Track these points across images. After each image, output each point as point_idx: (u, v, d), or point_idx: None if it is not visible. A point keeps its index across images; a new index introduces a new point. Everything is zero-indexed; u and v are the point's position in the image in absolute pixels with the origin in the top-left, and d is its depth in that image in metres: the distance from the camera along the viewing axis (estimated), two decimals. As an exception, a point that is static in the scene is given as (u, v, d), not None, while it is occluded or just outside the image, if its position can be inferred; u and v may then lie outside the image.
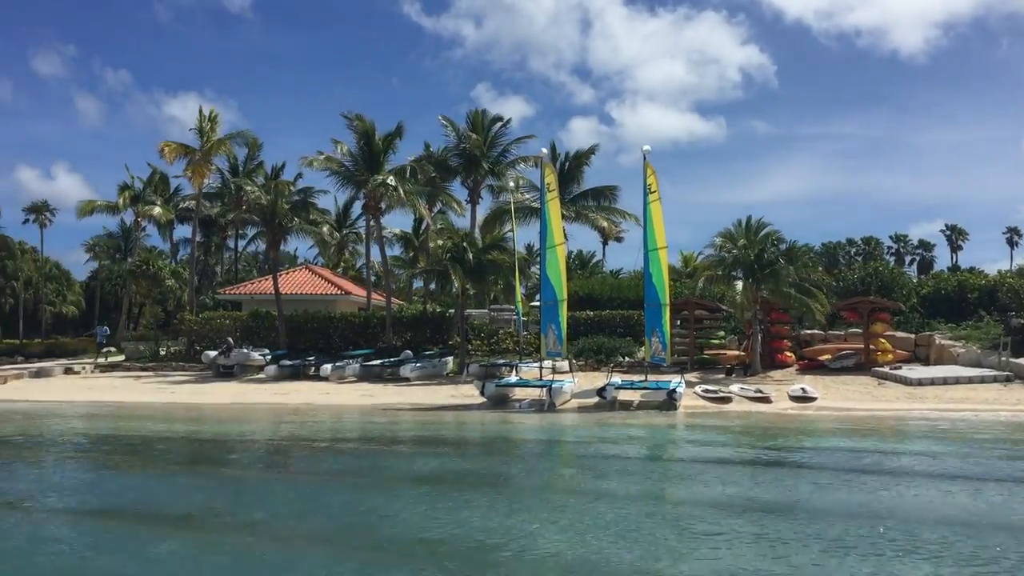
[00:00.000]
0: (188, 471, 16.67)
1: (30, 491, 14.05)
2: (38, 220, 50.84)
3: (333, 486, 14.77)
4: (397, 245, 57.45)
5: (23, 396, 30.04)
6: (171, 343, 44.43)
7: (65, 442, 20.78)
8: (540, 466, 17.24)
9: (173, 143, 42.84)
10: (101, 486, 14.90)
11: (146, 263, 44.80)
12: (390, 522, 11.52)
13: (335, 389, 31.51)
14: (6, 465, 16.98)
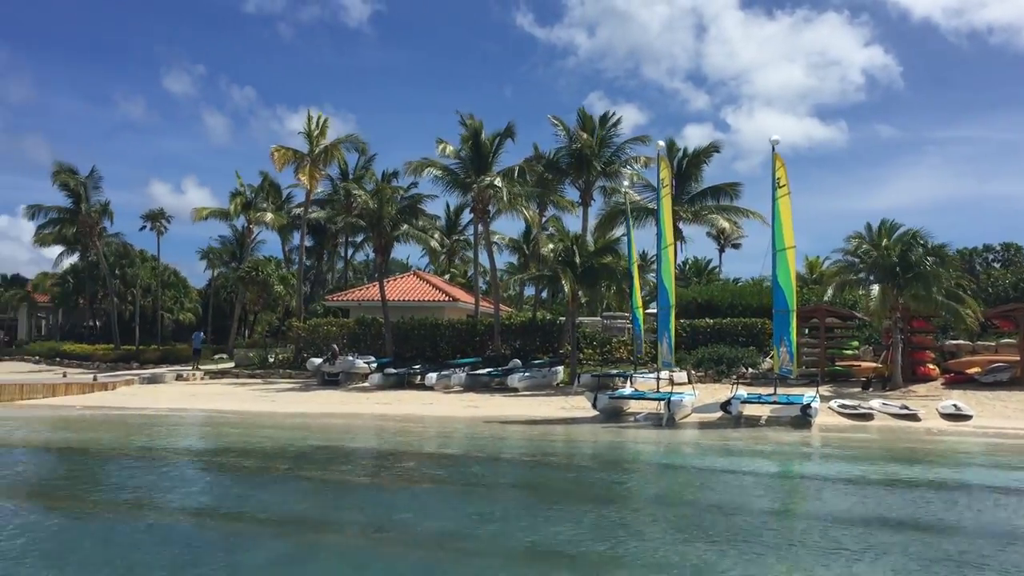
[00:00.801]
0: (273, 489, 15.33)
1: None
2: (155, 227, 51.47)
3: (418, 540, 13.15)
4: (508, 252, 56.21)
5: (121, 403, 29.68)
6: (279, 350, 44.11)
7: (127, 454, 19.87)
8: (659, 492, 15.20)
9: (283, 148, 42.53)
10: (182, 490, 13.71)
11: (255, 269, 44.66)
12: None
13: (440, 399, 30.13)
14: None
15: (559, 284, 34.39)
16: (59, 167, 49.88)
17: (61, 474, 17.23)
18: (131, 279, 55.32)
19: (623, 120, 38.64)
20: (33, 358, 51.69)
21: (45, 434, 23.32)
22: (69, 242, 54.97)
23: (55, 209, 50.86)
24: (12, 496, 14.06)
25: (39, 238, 54.70)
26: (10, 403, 29.21)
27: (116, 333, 50.66)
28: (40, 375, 40.91)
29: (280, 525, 12.10)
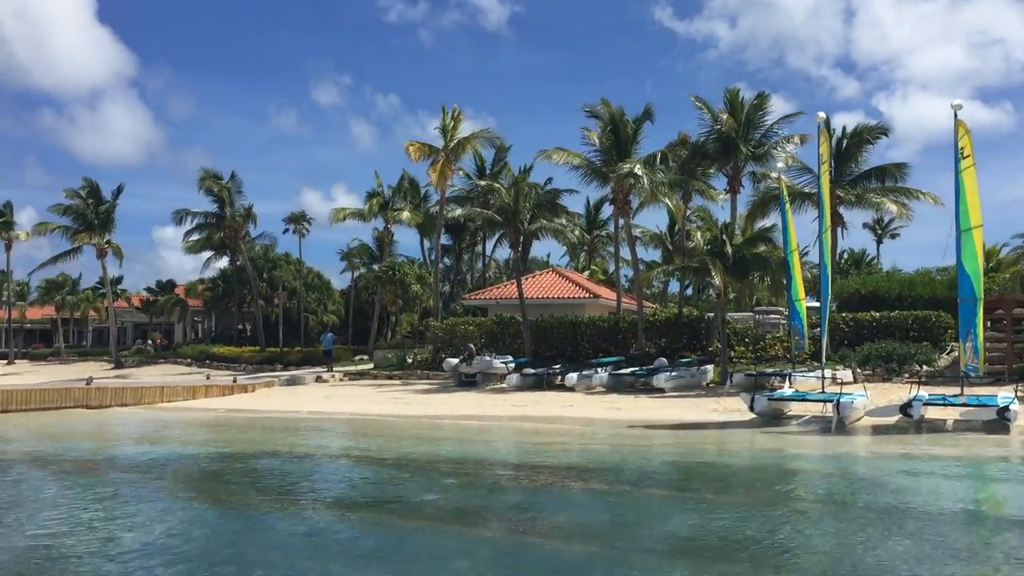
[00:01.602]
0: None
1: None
2: (296, 230, 51.92)
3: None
4: (651, 247, 53.86)
5: (256, 406, 29.20)
6: (418, 351, 43.37)
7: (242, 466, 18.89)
8: (842, 521, 12.87)
9: (418, 143, 41.73)
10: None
11: (392, 269, 44.10)
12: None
13: (581, 401, 28.32)
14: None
15: (706, 278, 32.02)
16: (204, 173, 50.98)
17: (214, 473, 16.48)
18: (276, 282, 56.06)
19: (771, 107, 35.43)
20: (185, 361, 53.02)
21: (199, 436, 22.93)
22: (217, 247, 56.28)
23: (201, 213, 52.07)
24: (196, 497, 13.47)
25: (188, 245, 56.35)
26: (151, 406, 29.29)
27: (261, 335, 51.34)
28: (187, 377, 41.54)
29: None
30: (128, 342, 73.92)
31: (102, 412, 27.52)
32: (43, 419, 25.36)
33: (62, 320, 75.61)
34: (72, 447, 20.89)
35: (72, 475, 16.61)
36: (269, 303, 56.80)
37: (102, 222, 54.48)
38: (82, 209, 54.41)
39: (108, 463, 18.18)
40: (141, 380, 39.38)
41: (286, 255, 60.43)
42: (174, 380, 38.27)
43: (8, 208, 64.87)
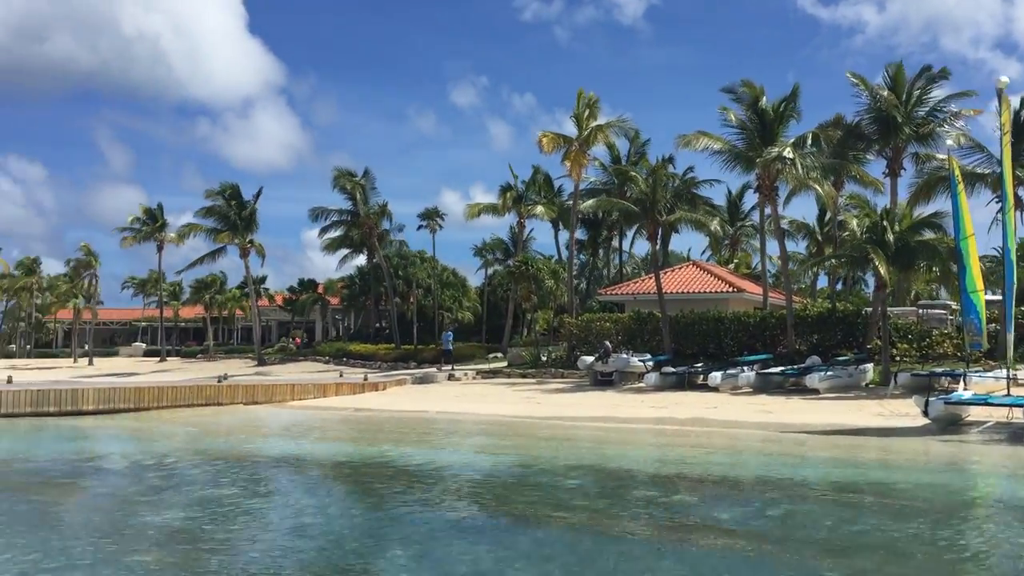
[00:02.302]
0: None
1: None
2: (429, 226, 51.45)
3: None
4: (799, 238, 50.69)
5: (385, 405, 28.36)
6: (552, 348, 41.99)
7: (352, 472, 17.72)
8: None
9: (551, 132, 40.31)
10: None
11: (525, 264, 42.84)
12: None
13: (726, 402, 26.20)
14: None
15: (861, 271, 29.25)
16: (338, 171, 51.19)
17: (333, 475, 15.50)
18: (411, 279, 55.85)
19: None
20: (323, 358, 53.46)
21: (319, 434, 22.25)
22: (353, 245, 56.55)
23: (336, 211, 52.36)
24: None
25: (325, 244, 56.89)
26: (282, 404, 28.95)
27: (396, 333, 51.17)
28: (322, 375, 41.52)
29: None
30: (272, 340, 75.73)
31: (232, 409, 27.34)
32: (173, 417, 25.30)
33: (211, 319, 78.23)
34: (210, 446, 20.48)
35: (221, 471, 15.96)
36: (404, 300, 56.63)
37: (244, 223, 55.55)
38: (224, 210, 55.65)
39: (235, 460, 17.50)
40: (277, 377, 39.58)
41: (421, 252, 60.28)
42: (309, 378, 38.25)
43: (159, 210, 67.33)
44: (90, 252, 74.06)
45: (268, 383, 30.41)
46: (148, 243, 67.68)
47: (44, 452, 18.57)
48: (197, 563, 9.40)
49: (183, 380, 34.51)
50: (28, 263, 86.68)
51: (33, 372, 57.80)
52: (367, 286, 58.39)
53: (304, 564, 9.35)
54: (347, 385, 31.98)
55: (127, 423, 23.45)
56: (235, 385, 28.80)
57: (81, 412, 23.68)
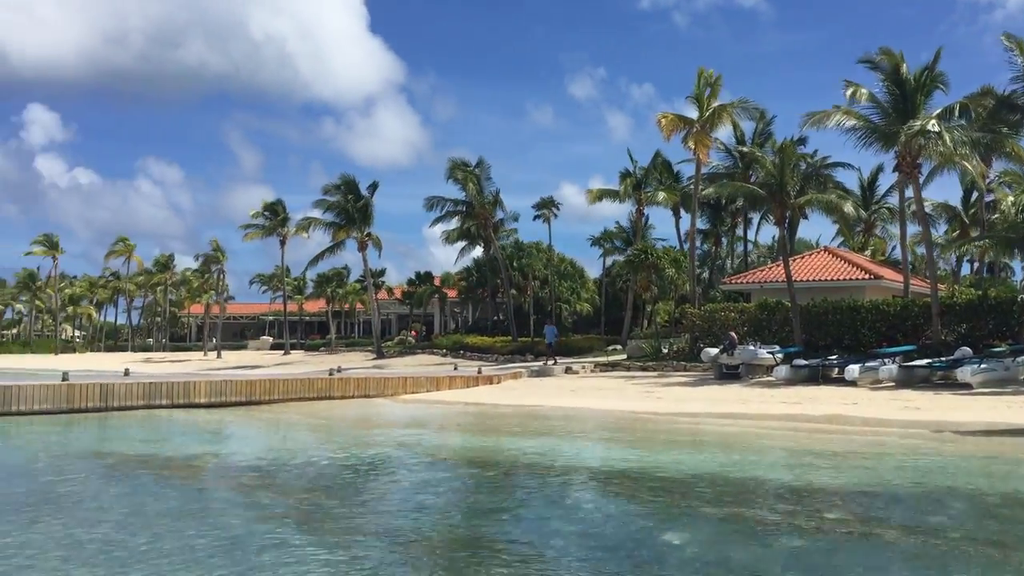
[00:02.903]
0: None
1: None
2: (544, 216, 50.27)
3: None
4: (939, 221, 47.26)
5: (498, 399, 27.30)
6: (673, 340, 40.20)
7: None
8: None
9: (670, 114, 38.46)
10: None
11: (644, 252, 41.14)
12: None
13: (866, 397, 24.02)
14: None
15: (1012, 256, 26.46)
16: (453, 162, 50.68)
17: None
18: (527, 270, 54.90)
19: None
20: (441, 351, 53.16)
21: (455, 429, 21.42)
22: (469, 236, 56.01)
23: (451, 201, 51.85)
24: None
25: (444, 236, 56.57)
26: (394, 397, 28.33)
27: (513, 325, 50.31)
28: (439, 368, 40.98)
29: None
30: (392, 333, 76.25)
31: (344, 403, 26.84)
32: (276, 412, 24.96)
33: (333, 312, 79.43)
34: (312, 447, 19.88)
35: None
36: (521, 292, 55.73)
37: (361, 216, 55.74)
38: (342, 204, 55.98)
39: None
40: (392, 370, 39.19)
41: (537, 243, 59.30)
42: (424, 370, 37.69)
43: (281, 206, 68.57)
44: (218, 248, 76.25)
45: (379, 376, 29.88)
46: (272, 239, 69.19)
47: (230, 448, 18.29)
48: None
49: (299, 373, 34.42)
50: (163, 260, 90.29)
51: (163, 365, 59.72)
52: (484, 278, 57.79)
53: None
54: (460, 378, 31.13)
55: (252, 416, 23.21)
56: (347, 378, 28.34)
57: (193, 405, 23.57)
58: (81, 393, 21.52)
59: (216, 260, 76.49)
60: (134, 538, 9.84)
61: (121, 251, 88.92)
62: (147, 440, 19.06)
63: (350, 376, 29.10)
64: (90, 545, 9.52)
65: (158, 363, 63.14)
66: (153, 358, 72.26)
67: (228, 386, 24.69)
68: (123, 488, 13.25)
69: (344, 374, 29.79)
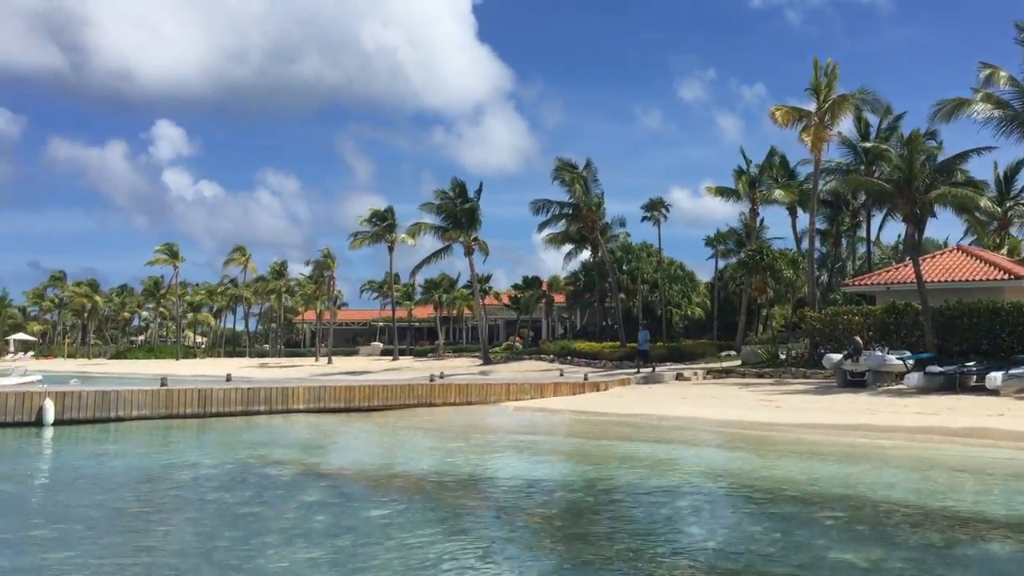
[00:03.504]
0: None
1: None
2: (654, 218, 48.75)
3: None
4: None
5: (599, 407, 25.92)
6: (791, 345, 38.07)
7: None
8: None
9: (785, 106, 36.46)
10: None
11: (759, 253, 39.12)
12: None
13: (1012, 408, 21.75)
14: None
15: None
16: (559, 163, 49.63)
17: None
18: (635, 274, 53.37)
19: None
20: (548, 357, 52.23)
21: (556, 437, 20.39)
22: (575, 240, 54.90)
23: (557, 203, 50.80)
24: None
25: (549, 238, 55.64)
26: (496, 404, 27.41)
27: (621, 330, 48.94)
28: (545, 374, 39.98)
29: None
30: (500, 338, 75.80)
31: (443, 410, 26.06)
32: (381, 419, 24.33)
33: (442, 318, 79.47)
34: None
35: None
36: (630, 296, 54.26)
37: (468, 219, 55.33)
38: (449, 208, 55.69)
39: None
40: (498, 376, 38.40)
41: (646, 246, 57.71)
42: (530, 376, 36.77)
43: (390, 212, 68.90)
44: (328, 254, 77.23)
45: (481, 382, 29.01)
46: (383, 246, 69.58)
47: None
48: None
49: (401, 379, 33.95)
50: (277, 267, 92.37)
51: (275, 370, 60.68)
52: (591, 282, 56.54)
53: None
54: (566, 385, 29.99)
55: (352, 423, 22.69)
56: (448, 385, 27.54)
57: (291, 411, 23.18)
58: (179, 399, 21.37)
59: (327, 266, 77.49)
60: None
61: (238, 259, 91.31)
62: (308, 447, 18.62)
63: (451, 383, 28.31)
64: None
65: (272, 368, 64.26)
66: (268, 363, 73.68)
67: (326, 392, 24.22)
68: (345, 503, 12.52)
69: (445, 380, 29.04)
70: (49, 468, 15.88)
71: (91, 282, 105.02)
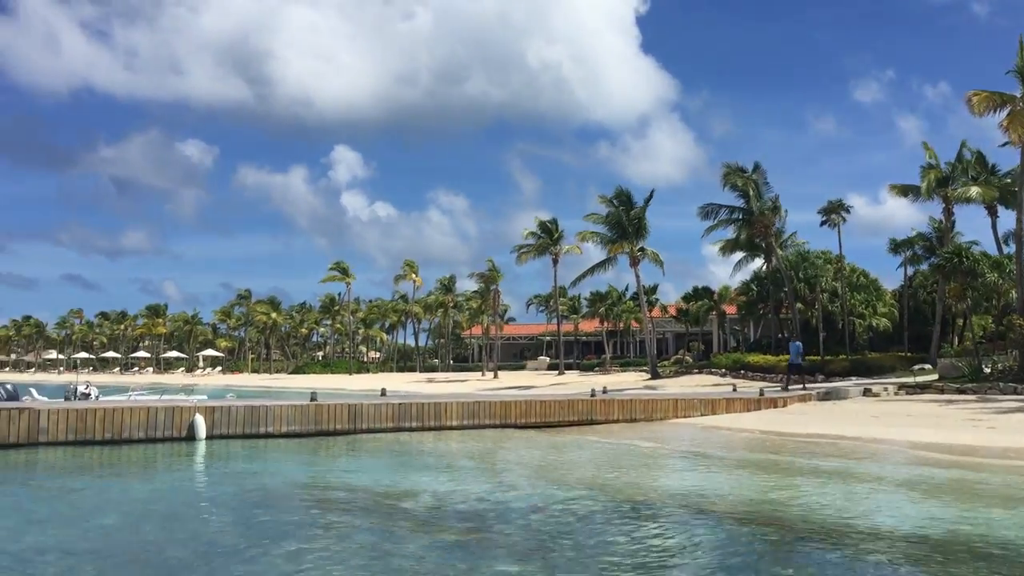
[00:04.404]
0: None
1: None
2: (832, 222, 45.20)
3: None
4: None
5: (782, 426, 23.30)
6: (997, 358, 34.03)
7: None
8: None
9: (983, 92, 32.69)
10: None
11: (957, 255, 35.16)
12: None
13: None
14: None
15: None
16: (727, 168, 47.05)
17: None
18: (813, 283, 49.82)
19: None
20: (719, 371, 49.62)
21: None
22: (747, 247, 52.00)
23: (727, 208, 48.12)
24: None
25: (718, 246, 53.06)
26: (663, 421, 25.42)
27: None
28: (715, 389, 37.61)
29: None
30: (669, 352, 73.24)
31: (607, 428, 24.34)
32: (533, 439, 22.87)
33: (608, 332, 77.65)
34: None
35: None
36: (808, 306, 50.68)
37: (634, 229, 53.47)
38: (615, 217, 53.99)
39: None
40: (666, 391, 36.39)
41: (825, 252, 53.87)
42: (701, 391, 34.52)
43: (554, 224, 67.98)
44: (493, 267, 77.05)
45: (646, 398, 27.04)
46: (545, 258, 68.73)
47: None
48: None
49: (562, 394, 32.51)
50: (444, 282, 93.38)
51: (442, 385, 60.70)
52: (765, 292, 53.28)
53: None
54: (739, 401, 27.60)
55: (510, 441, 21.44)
56: (610, 400, 25.77)
57: (443, 427, 22.09)
58: (329, 414, 20.69)
59: (492, 279, 77.32)
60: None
61: (407, 274, 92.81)
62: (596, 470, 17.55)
63: (613, 398, 26.55)
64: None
65: (438, 383, 64.39)
66: (435, 378, 74.16)
67: (481, 407, 23.01)
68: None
69: (608, 396, 27.32)
70: (204, 484, 15.44)
71: (272, 300, 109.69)
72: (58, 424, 17.50)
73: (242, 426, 19.56)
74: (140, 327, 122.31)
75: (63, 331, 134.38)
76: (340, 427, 20.74)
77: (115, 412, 18.14)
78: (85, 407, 18.42)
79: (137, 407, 18.76)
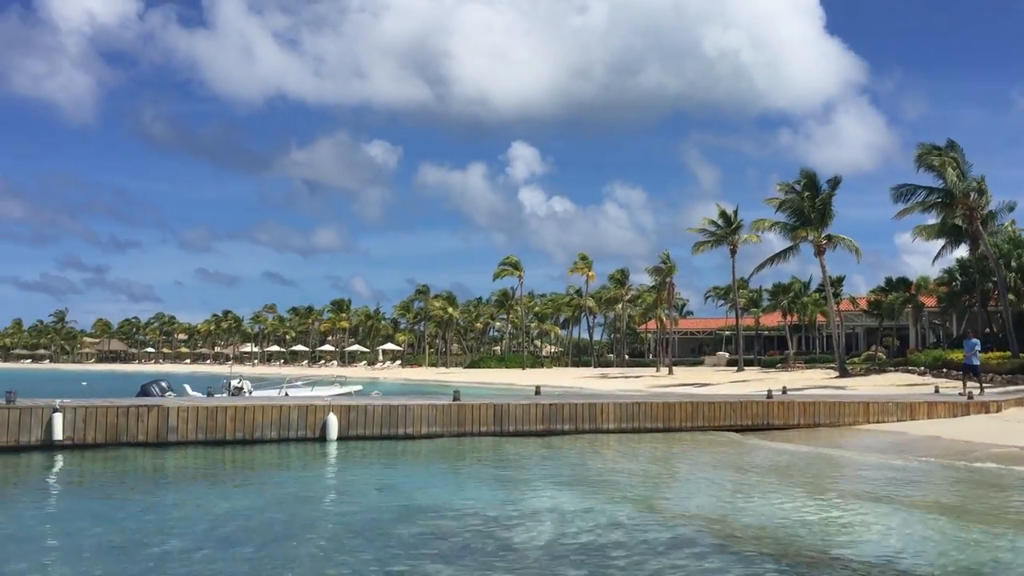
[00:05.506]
0: None
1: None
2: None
3: None
4: None
5: (987, 436, 19.83)
6: None
7: None
8: None
9: None
10: None
11: None
12: None
13: None
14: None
15: None
16: (922, 147, 42.52)
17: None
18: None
19: None
20: (917, 369, 45.16)
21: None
22: (950, 234, 47.13)
23: (924, 190, 43.51)
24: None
25: (917, 231, 48.51)
26: (850, 427, 22.43)
27: (1012, 337, 40.70)
28: (912, 389, 33.86)
29: None
30: (858, 348, 68.14)
31: (786, 435, 21.68)
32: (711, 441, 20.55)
33: (792, 326, 73.20)
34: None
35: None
36: (1021, 299, 45.26)
37: (818, 216, 49.61)
38: (797, 203, 50.32)
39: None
40: (855, 392, 32.98)
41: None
42: (896, 393, 31.01)
43: (734, 213, 64.73)
44: (667, 259, 74.33)
45: (832, 400, 23.99)
46: (723, 247, 65.60)
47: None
48: None
49: (735, 394, 29.93)
50: (618, 275, 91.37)
51: (615, 381, 58.82)
52: (970, 282, 48.00)
53: None
54: (943, 404, 24.08)
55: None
56: (789, 402, 22.98)
57: (599, 430, 20.17)
58: (472, 415, 19.22)
59: (668, 271, 74.61)
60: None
61: (581, 268, 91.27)
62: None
63: (793, 399, 23.76)
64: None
65: (612, 379, 62.49)
66: (608, 374, 72.31)
67: (641, 410, 20.88)
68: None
69: (787, 397, 24.52)
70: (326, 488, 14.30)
71: (448, 295, 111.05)
72: (187, 423, 16.89)
73: (379, 427, 18.40)
74: (326, 321, 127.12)
75: (257, 326, 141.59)
76: (484, 429, 19.23)
77: (246, 410, 17.39)
78: (216, 404, 17.79)
79: (269, 405, 17.97)
